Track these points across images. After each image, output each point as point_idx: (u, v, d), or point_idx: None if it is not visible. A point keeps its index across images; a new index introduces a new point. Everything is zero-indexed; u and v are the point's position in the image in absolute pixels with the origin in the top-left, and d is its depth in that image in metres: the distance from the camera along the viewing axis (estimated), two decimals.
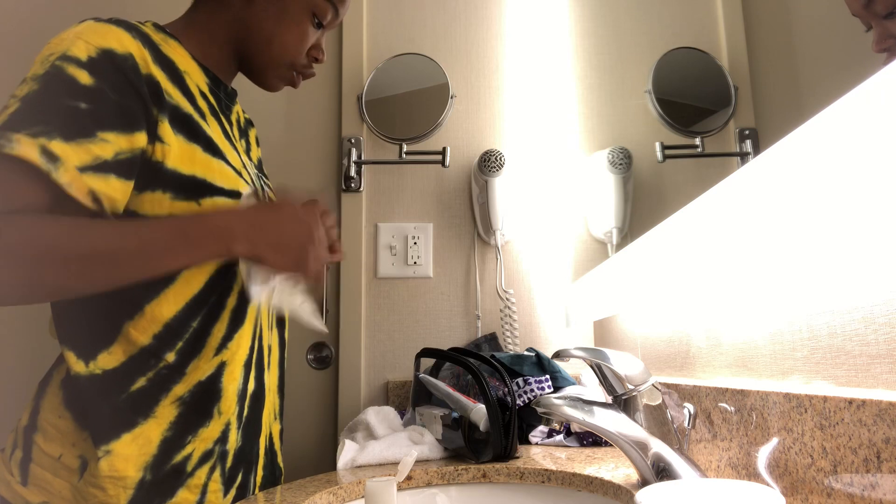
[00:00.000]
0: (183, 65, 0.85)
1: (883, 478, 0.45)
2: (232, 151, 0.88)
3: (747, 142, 0.78)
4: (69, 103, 0.70)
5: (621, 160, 1.35)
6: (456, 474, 0.88)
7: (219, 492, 0.82)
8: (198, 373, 0.81)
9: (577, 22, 1.58)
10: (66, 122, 0.69)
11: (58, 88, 0.70)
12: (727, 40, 0.83)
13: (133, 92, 0.74)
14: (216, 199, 0.80)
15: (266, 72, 0.95)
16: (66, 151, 0.69)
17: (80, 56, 0.72)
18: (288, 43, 0.93)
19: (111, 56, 0.74)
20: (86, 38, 0.74)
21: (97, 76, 0.72)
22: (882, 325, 0.48)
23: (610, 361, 0.72)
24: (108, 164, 0.71)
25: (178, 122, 0.79)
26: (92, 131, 0.70)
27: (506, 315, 1.44)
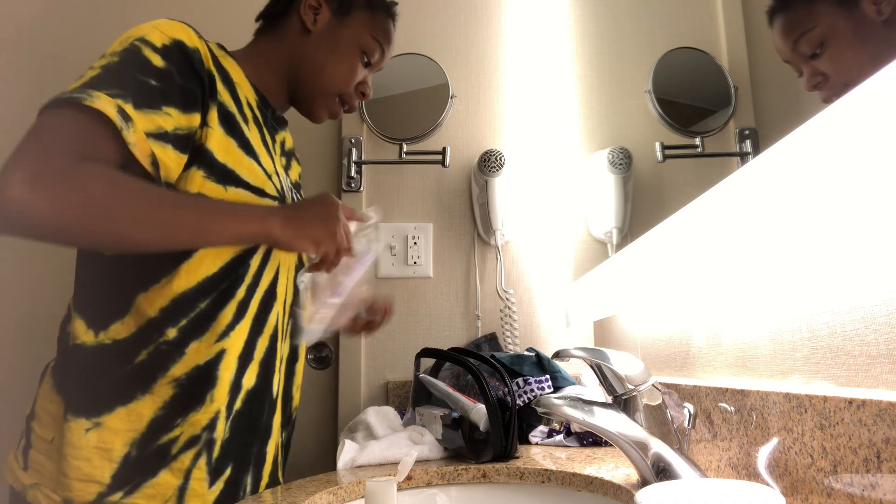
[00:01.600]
0: (236, 78, 0.94)
1: (883, 478, 0.45)
2: (266, 157, 0.93)
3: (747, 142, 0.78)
4: (142, 78, 0.77)
5: (621, 160, 1.35)
6: (456, 474, 0.88)
7: (203, 480, 0.82)
8: (197, 356, 0.82)
9: (577, 22, 1.58)
10: (138, 92, 0.76)
11: (134, 64, 0.78)
12: (727, 40, 0.83)
13: (196, 78, 0.82)
14: (240, 191, 0.85)
15: (315, 100, 1.02)
16: (136, 116, 0.75)
17: (155, 42, 0.80)
18: (337, 74, 1.00)
19: (181, 46, 0.82)
20: (161, 28, 0.82)
21: (168, 60, 0.80)
22: (882, 325, 0.48)
23: (610, 361, 0.72)
24: (168, 136, 0.78)
25: (222, 116, 0.86)
26: (158, 104, 0.77)
27: (506, 315, 1.44)
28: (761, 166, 0.55)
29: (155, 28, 0.82)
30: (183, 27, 0.84)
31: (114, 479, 0.78)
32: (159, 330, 0.81)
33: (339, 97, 1.03)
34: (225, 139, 0.85)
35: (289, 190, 0.99)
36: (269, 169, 0.92)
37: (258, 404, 0.90)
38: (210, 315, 0.84)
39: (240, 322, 0.86)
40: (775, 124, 0.71)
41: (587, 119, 1.53)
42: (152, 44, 0.80)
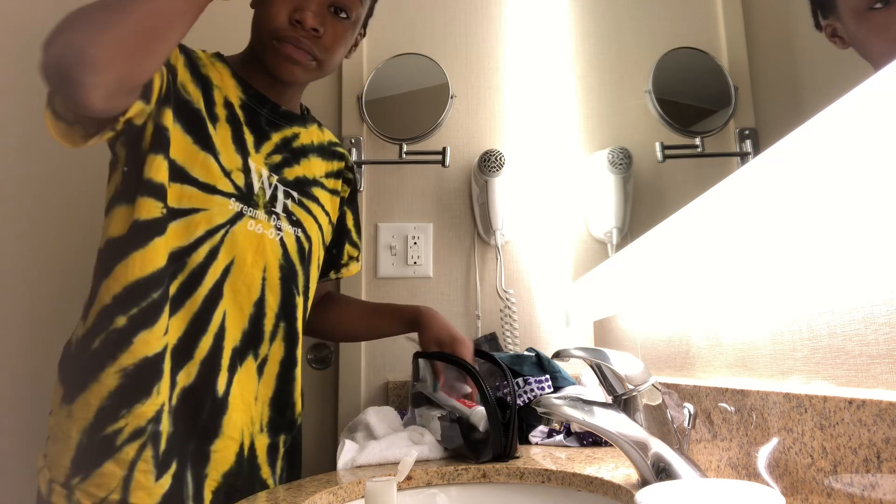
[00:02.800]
0: (218, 81, 0.96)
1: (883, 478, 0.45)
2: (233, 154, 0.93)
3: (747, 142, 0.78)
4: None
5: (621, 160, 1.35)
6: (456, 474, 0.88)
7: (149, 472, 0.82)
8: (145, 347, 0.83)
9: (577, 22, 1.58)
10: None
11: None
12: (727, 40, 0.83)
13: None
14: (184, 187, 0.87)
15: (263, 59, 0.97)
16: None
17: None
18: (261, 18, 0.96)
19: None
20: None
21: None
22: (882, 325, 0.48)
23: (610, 361, 0.72)
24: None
25: (182, 112, 0.88)
26: None
27: (506, 315, 1.44)
28: (761, 166, 0.55)
29: None
30: None
31: (72, 465, 0.81)
32: (110, 317, 0.82)
33: (275, 39, 0.95)
34: (181, 136, 0.88)
35: (269, 187, 0.97)
36: (231, 166, 0.92)
37: (195, 401, 0.88)
38: (159, 306, 0.84)
39: (174, 315, 0.86)
40: (775, 124, 0.71)
41: (587, 119, 1.53)
42: None
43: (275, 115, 1.01)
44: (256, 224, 0.93)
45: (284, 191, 1.00)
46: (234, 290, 0.92)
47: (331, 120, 1.57)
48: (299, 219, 1.01)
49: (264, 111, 0.99)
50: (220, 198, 0.89)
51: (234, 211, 0.91)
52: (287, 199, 1.00)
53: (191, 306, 0.88)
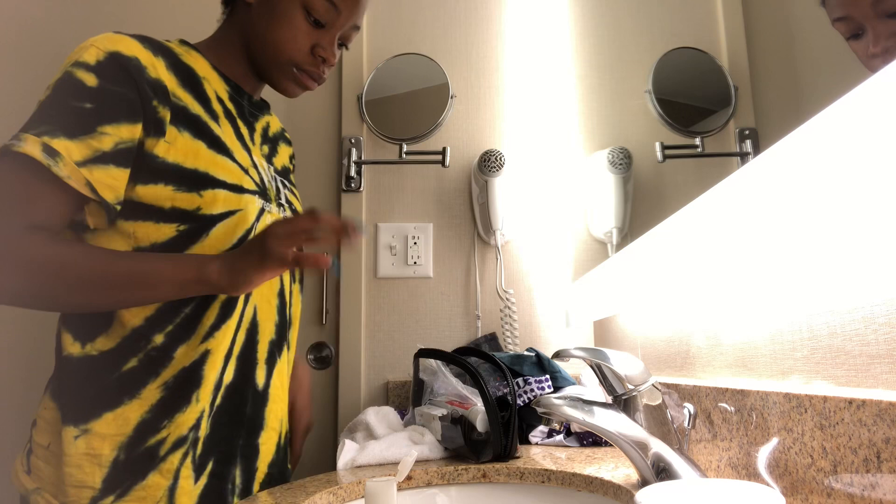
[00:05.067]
0: (202, 72, 0.92)
1: (883, 478, 0.45)
2: (241, 151, 0.92)
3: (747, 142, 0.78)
4: (74, 104, 0.78)
5: (621, 160, 1.35)
6: (456, 474, 0.88)
7: (190, 478, 0.83)
8: (185, 358, 0.83)
9: (577, 22, 1.58)
10: (70, 122, 0.77)
11: (67, 92, 0.78)
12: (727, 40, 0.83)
13: (134, 87, 0.80)
14: (217, 192, 0.85)
15: (270, 74, 0.98)
16: (69, 148, 0.76)
17: (89, 61, 0.80)
18: (280, 40, 0.94)
19: (117, 58, 0.81)
20: (97, 44, 0.81)
21: (101, 76, 0.79)
22: (882, 325, 0.48)
23: (610, 361, 0.72)
24: (107, 155, 0.78)
25: (185, 122, 0.85)
26: (92, 127, 0.77)
27: (506, 315, 1.44)
28: (761, 166, 0.55)
29: (91, 45, 0.81)
30: (122, 38, 0.83)
31: (105, 484, 0.78)
32: (146, 338, 0.82)
33: (292, 66, 0.96)
34: (192, 143, 0.84)
35: (271, 180, 0.98)
36: (245, 163, 0.91)
37: (238, 397, 0.89)
38: (195, 318, 0.84)
39: (225, 322, 0.86)
40: (775, 124, 0.71)
41: (587, 119, 1.53)
42: (86, 63, 0.79)
43: (252, 107, 1.00)
44: (272, 217, 0.94)
45: (280, 181, 1.01)
46: (264, 290, 0.93)
47: (331, 120, 1.57)
48: (294, 207, 1.03)
49: (244, 103, 0.99)
50: (248, 196, 0.89)
51: (259, 207, 0.91)
52: (284, 188, 1.02)
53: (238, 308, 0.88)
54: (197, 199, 0.83)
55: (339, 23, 0.97)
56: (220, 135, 0.88)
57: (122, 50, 0.81)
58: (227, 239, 0.86)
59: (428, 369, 1.19)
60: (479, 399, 1.00)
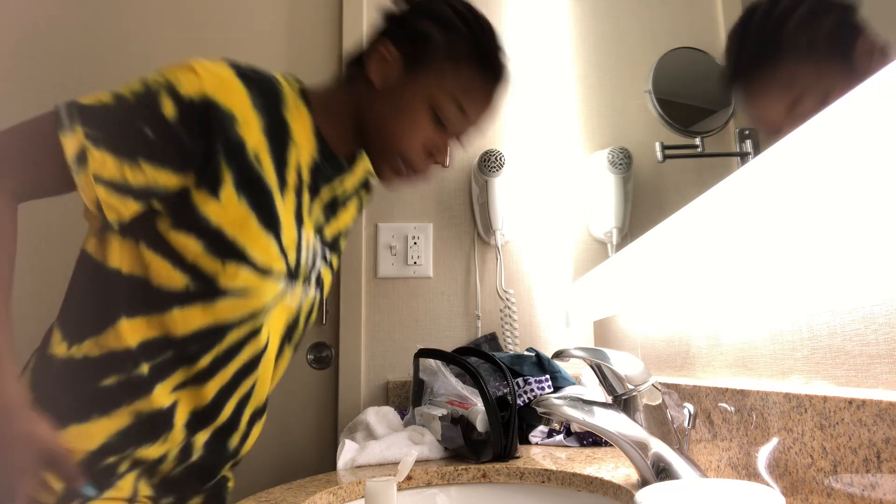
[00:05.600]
0: (297, 135, 0.87)
1: (883, 478, 0.45)
2: (291, 229, 0.87)
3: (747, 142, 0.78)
4: (140, 124, 0.76)
5: (621, 160, 1.35)
6: (456, 474, 0.88)
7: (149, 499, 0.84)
8: (162, 399, 0.81)
9: (577, 22, 1.58)
10: (122, 138, 0.75)
11: (141, 108, 0.76)
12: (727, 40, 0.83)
13: (206, 141, 0.77)
14: (241, 268, 0.81)
15: (375, 157, 0.93)
16: (104, 161, 0.74)
17: (182, 91, 0.77)
18: (398, 132, 0.89)
19: (209, 106, 0.77)
20: (203, 75, 0.78)
21: (181, 115, 0.76)
22: (882, 325, 0.48)
23: (610, 361, 0.72)
24: (130, 189, 0.76)
25: (250, 189, 0.81)
26: (137, 157, 0.76)
27: (506, 315, 1.44)
28: (761, 166, 0.55)
29: (196, 73, 0.78)
30: (231, 82, 0.79)
31: (63, 492, 0.77)
32: (134, 362, 0.80)
33: (400, 158, 0.91)
34: (242, 211, 0.80)
35: (311, 256, 0.93)
36: (289, 241, 0.86)
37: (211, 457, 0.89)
38: (175, 364, 0.82)
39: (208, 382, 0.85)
40: None
41: (587, 119, 1.53)
42: (177, 92, 0.76)
43: (333, 169, 0.94)
44: (292, 298, 0.91)
45: (322, 254, 0.97)
46: (267, 362, 0.92)
47: None
48: (322, 279, 0.99)
49: (328, 168, 0.93)
50: (271, 281, 0.85)
51: (279, 290, 0.87)
52: (322, 261, 0.98)
53: (221, 378, 0.86)
54: (219, 267, 0.80)
55: (463, 127, 0.93)
56: (279, 210, 0.84)
57: (221, 100, 0.78)
58: (230, 313, 0.83)
59: (428, 369, 1.19)
60: (479, 399, 1.00)
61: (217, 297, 0.82)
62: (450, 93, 0.88)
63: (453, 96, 0.89)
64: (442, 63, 0.88)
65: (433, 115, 0.89)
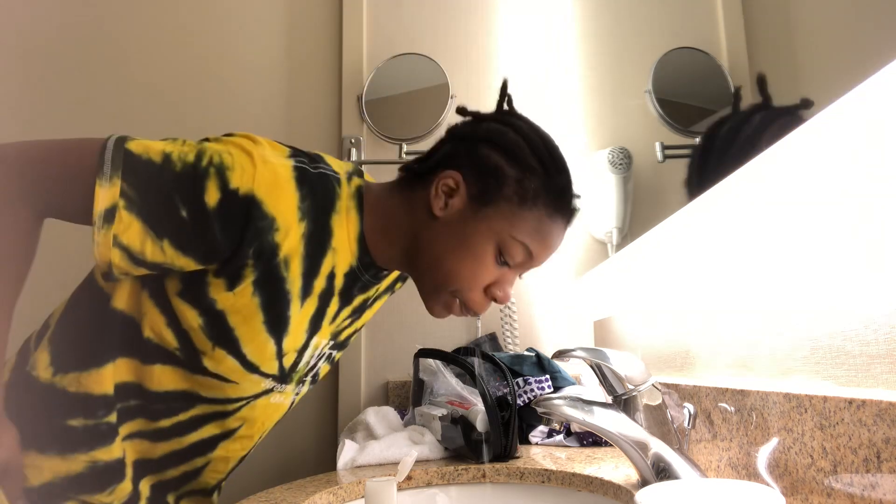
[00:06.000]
0: (339, 241, 0.80)
1: (883, 478, 0.45)
2: (300, 335, 0.82)
3: None
4: (177, 203, 0.70)
5: (621, 160, 1.35)
6: (456, 474, 0.88)
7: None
8: (117, 449, 0.79)
9: (577, 22, 1.58)
10: (156, 211, 0.70)
11: (187, 186, 0.70)
12: (727, 40, 0.83)
13: (238, 242, 0.72)
14: (228, 359, 0.79)
15: (429, 292, 0.84)
16: (131, 226, 0.69)
17: (231, 181, 0.71)
18: (459, 270, 0.80)
19: (252, 207, 0.71)
20: (260, 173, 0.72)
21: (222, 209, 0.70)
22: (882, 325, 0.48)
23: (610, 361, 0.72)
24: (145, 263, 0.72)
25: (267, 290, 0.76)
26: (163, 235, 0.70)
27: (506, 315, 1.44)
28: (761, 166, 0.55)
29: (249, 162, 0.72)
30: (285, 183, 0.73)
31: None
32: (108, 409, 0.77)
33: (459, 297, 0.82)
34: (251, 307, 0.76)
35: (314, 359, 0.89)
36: (291, 347, 0.82)
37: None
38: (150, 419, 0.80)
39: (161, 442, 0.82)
40: None
41: (587, 119, 1.53)
42: (226, 180, 0.70)
43: (372, 278, 0.87)
44: (280, 396, 0.88)
45: (328, 354, 0.93)
46: (227, 449, 0.88)
47: (331, 120, 1.57)
48: (319, 375, 0.95)
49: (365, 277, 0.85)
50: (257, 377, 0.81)
51: (264, 388, 0.84)
52: (326, 361, 0.93)
53: (174, 444, 0.83)
54: (209, 348, 0.77)
55: (527, 268, 0.86)
56: (292, 316, 0.79)
57: (267, 204, 0.71)
58: (207, 390, 0.81)
59: (428, 369, 1.19)
60: (479, 399, 1.00)
61: (198, 372, 0.80)
62: (519, 236, 0.81)
63: (522, 240, 0.81)
64: (512, 203, 0.80)
65: (499, 255, 0.81)
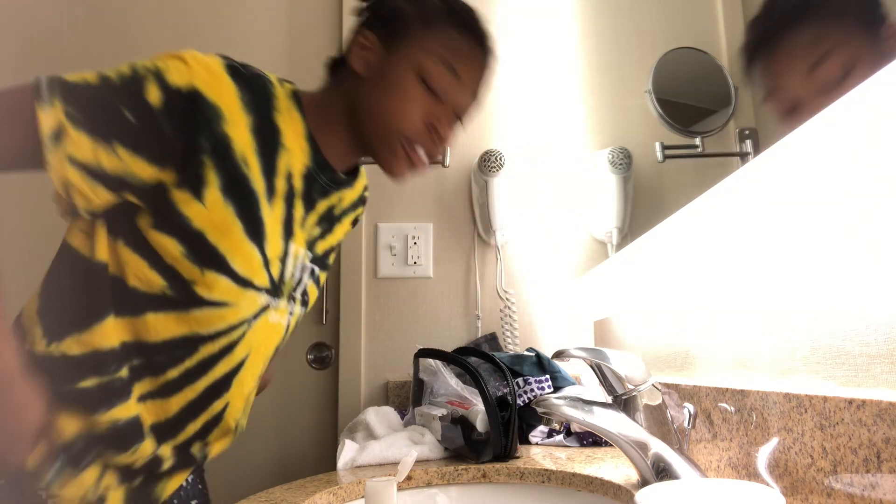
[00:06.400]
0: (289, 141, 0.83)
1: (883, 478, 0.45)
2: (278, 240, 0.84)
3: (747, 142, 0.78)
4: (122, 108, 0.72)
5: (621, 160, 1.35)
6: (456, 474, 0.88)
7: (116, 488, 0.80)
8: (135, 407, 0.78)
9: (577, 22, 1.58)
10: (102, 121, 0.72)
11: (127, 92, 0.73)
12: (727, 40, 0.83)
13: (190, 135, 0.74)
14: (220, 278, 0.78)
15: (377, 149, 0.88)
16: (81, 142, 0.70)
17: (170, 78, 0.73)
18: (391, 110, 0.85)
19: (196, 98, 0.74)
20: (194, 66, 0.75)
21: (167, 103, 0.73)
22: (882, 325, 0.48)
23: (610, 361, 0.72)
24: (102, 174, 0.72)
25: (236, 193, 0.78)
26: (114, 140, 0.72)
27: (506, 315, 1.44)
28: (761, 166, 0.55)
29: (183, 62, 0.75)
30: (220, 77, 0.76)
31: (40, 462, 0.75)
32: (118, 364, 0.76)
33: (402, 140, 0.86)
34: (227, 217, 0.77)
35: (297, 271, 0.89)
36: (274, 254, 0.83)
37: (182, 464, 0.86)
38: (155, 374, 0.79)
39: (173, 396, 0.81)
40: (775, 124, 0.71)
41: (587, 119, 1.53)
42: (164, 79, 0.73)
43: (331, 182, 0.90)
44: (276, 314, 0.88)
45: (311, 269, 0.93)
46: (241, 383, 0.87)
47: None
48: (308, 296, 0.95)
49: (322, 178, 0.88)
50: (252, 293, 0.81)
51: (261, 305, 0.84)
52: (310, 278, 0.93)
53: (188, 393, 0.82)
54: (198, 274, 0.77)
55: (457, 93, 0.88)
56: (265, 218, 0.80)
57: (209, 94, 0.75)
58: (206, 325, 0.80)
59: (428, 369, 1.19)
60: (479, 399, 1.00)
61: (193, 306, 0.79)
62: (434, 55, 0.85)
63: (439, 57, 0.85)
64: (418, 30, 0.86)
65: (424, 84, 0.85)
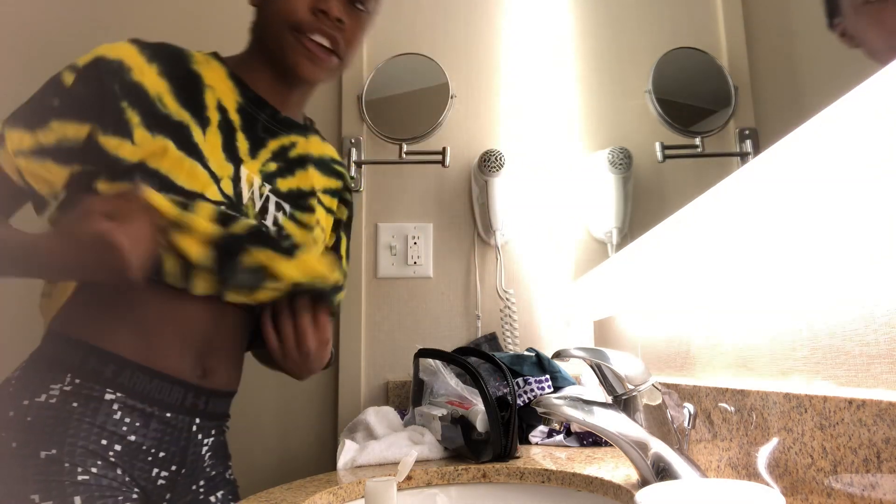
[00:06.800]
0: (212, 81, 0.91)
1: (883, 478, 0.45)
2: (222, 162, 0.86)
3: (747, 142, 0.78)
4: (46, 99, 0.83)
5: (621, 160, 1.35)
6: (456, 474, 0.88)
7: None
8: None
9: (577, 22, 1.58)
10: (34, 114, 0.82)
11: (48, 88, 0.84)
12: (727, 40, 0.83)
13: (101, 88, 0.82)
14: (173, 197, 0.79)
15: (278, 54, 0.91)
16: (21, 138, 0.80)
17: (78, 63, 0.84)
18: (276, 9, 0.90)
19: (98, 61, 0.84)
20: (96, 50, 0.85)
21: (78, 77, 0.83)
22: (882, 325, 0.48)
23: (610, 361, 0.72)
24: (47, 150, 0.81)
25: (162, 126, 0.83)
26: (47, 122, 0.81)
27: (506, 315, 1.44)
28: (761, 166, 0.55)
29: (92, 52, 0.85)
30: (119, 44, 0.86)
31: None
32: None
33: (294, 34, 0.89)
34: (159, 143, 0.81)
35: (257, 197, 0.89)
36: (221, 174, 0.85)
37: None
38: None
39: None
40: (775, 124, 0.72)
41: (587, 119, 1.53)
42: (74, 65, 0.84)
43: (274, 122, 0.95)
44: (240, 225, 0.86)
45: (276, 202, 0.92)
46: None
47: (331, 120, 1.57)
48: (290, 234, 0.93)
49: (262, 116, 0.93)
50: (208, 206, 0.82)
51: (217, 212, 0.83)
52: (278, 211, 0.92)
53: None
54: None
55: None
56: (198, 142, 0.84)
57: (108, 54, 0.84)
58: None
59: (428, 369, 1.19)
60: (479, 399, 1.00)
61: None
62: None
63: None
64: None
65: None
